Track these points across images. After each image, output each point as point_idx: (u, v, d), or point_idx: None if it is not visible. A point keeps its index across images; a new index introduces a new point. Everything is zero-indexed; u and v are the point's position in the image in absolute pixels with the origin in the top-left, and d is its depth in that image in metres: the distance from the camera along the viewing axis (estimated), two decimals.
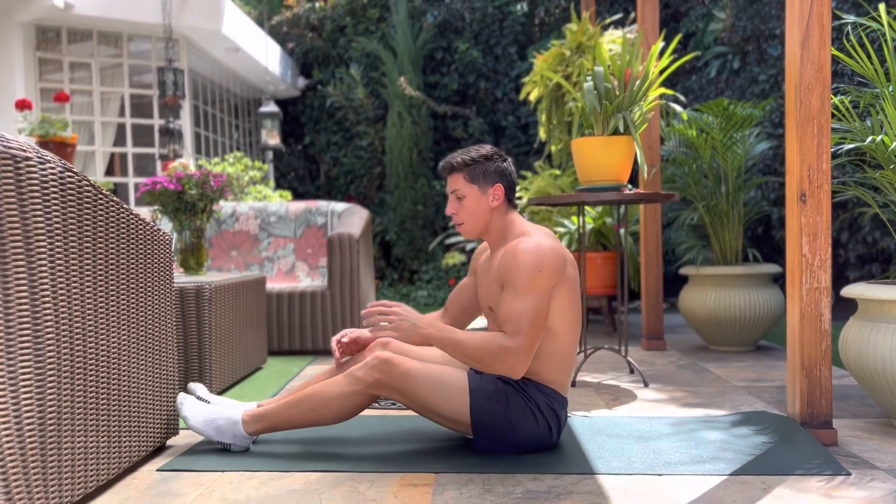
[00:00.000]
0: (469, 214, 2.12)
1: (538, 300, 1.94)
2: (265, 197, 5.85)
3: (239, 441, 2.12)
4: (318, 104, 8.32)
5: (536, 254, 1.95)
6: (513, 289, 1.96)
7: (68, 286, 1.60)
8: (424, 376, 2.02)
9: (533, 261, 1.94)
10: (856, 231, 4.63)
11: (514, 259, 1.96)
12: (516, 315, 1.93)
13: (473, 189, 2.11)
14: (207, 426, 2.11)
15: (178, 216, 3.29)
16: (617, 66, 3.11)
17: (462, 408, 2.02)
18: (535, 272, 1.94)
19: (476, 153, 2.12)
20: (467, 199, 2.11)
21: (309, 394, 2.07)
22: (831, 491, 1.76)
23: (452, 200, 2.14)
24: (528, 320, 1.92)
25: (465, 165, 2.12)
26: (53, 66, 5.98)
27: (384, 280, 7.76)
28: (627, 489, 1.79)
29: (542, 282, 1.94)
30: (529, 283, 1.94)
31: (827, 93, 2.19)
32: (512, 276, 1.96)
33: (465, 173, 2.11)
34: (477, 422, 2.01)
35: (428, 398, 2.02)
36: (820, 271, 2.20)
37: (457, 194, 2.12)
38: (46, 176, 1.54)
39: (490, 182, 2.11)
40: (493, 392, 2.03)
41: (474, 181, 2.11)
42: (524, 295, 1.93)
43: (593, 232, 4.69)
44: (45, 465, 1.51)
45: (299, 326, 3.94)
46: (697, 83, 6.17)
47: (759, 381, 3.07)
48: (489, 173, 2.11)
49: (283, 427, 2.10)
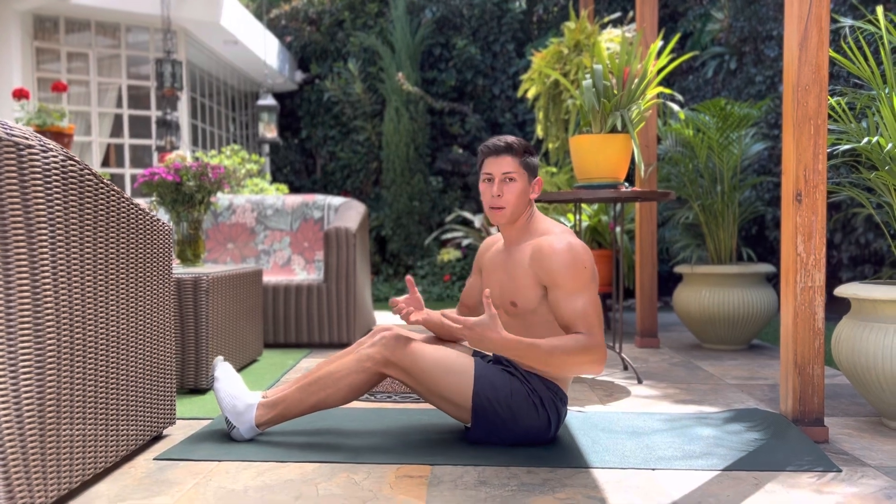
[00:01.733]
0: (514, 199, 2.08)
1: (592, 294, 1.98)
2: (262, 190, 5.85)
3: (245, 431, 2.13)
4: (316, 98, 8.32)
5: (574, 251, 1.98)
6: (563, 290, 1.97)
7: (69, 275, 1.61)
8: (432, 356, 2.04)
9: (575, 259, 1.97)
10: (849, 232, 4.67)
11: (555, 261, 1.97)
12: (583, 313, 1.95)
13: (524, 175, 2.10)
14: (228, 400, 2.12)
15: (176, 207, 3.29)
16: (616, 64, 3.13)
17: (465, 392, 2.03)
18: (581, 269, 1.97)
19: (526, 143, 2.11)
20: (517, 184, 2.08)
21: (320, 376, 2.09)
22: (822, 487, 1.78)
23: (500, 182, 2.08)
24: (595, 314, 1.97)
25: (523, 151, 2.10)
26: (51, 55, 5.96)
27: (379, 275, 7.77)
28: (621, 482, 1.81)
29: (587, 276, 1.98)
30: (578, 279, 1.97)
31: (824, 94, 2.21)
32: (559, 277, 1.97)
33: (520, 159, 2.10)
34: (478, 408, 2.03)
35: (433, 379, 2.03)
36: (814, 270, 2.22)
37: (509, 176, 2.08)
38: (49, 164, 1.55)
39: (534, 174, 2.13)
40: (499, 381, 2.05)
41: (526, 168, 2.10)
42: (580, 293, 1.96)
43: (589, 230, 4.71)
44: (44, 452, 1.52)
45: (295, 320, 3.95)
46: (694, 83, 6.19)
47: (751, 379, 3.09)
48: (534, 165, 2.13)
49: (296, 412, 2.10)
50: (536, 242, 2.04)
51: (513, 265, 2.10)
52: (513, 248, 2.13)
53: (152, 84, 6.43)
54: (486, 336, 1.89)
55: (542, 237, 2.06)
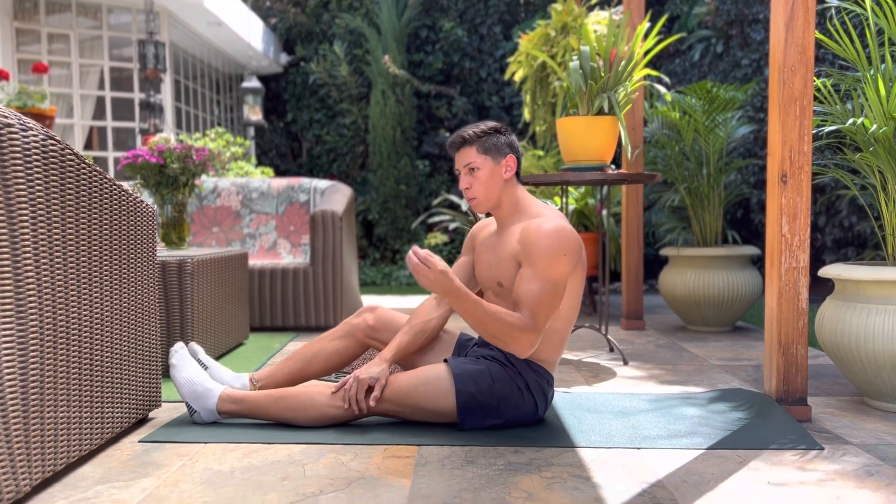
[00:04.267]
0: (483, 187, 2.09)
1: (556, 284, 1.96)
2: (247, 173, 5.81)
3: (206, 415, 2.12)
4: (301, 81, 8.25)
5: (560, 238, 1.97)
6: (533, 270, 1.96)
7: (51, 256, 1.59)
8: (405, 376, 2.06)
9: (557, 245, 1.96)
10: (833, 215, 4.70)
11: (537, 241, 1.97)
12: (535, 297, 1.94)
13: (487, 160, 2.09)
14: (187, 385, 2.12)
15: (160, 190, 3.26)
16: (603, 46, 3.12)
17: (448, 395, 2.03)
18: (559, 256, 1.96)
19: (486, 126, 2.11)
20: (481, 171, 2.09)
21: (293, 393, 2.08)
22: (805, 464, 1.80)
23: (465, 175, 2.10)
24: (547, 304, 1.95)
25: (478, 137, 2.10)
26: (31, 36, 5.87)
27: (366, 259, 7.75)
28: (607, 461, 1.83)
29: (562, 266, 1.97)
30: (551, 266, 1.96)
31: (810, 75, 2.21)
32: (534, 257, 1.97)
33: (477, 145, 2.09)
34: (463, 405, 2.03)
35: (413, 395, 2.04)
36: (799, 251, 2.24)
37: (470, 166, 2.09)
38: (28, 143, 1.52)
39: (502, 153, 2.11)
40: (476, 373, 2.04)
41: (487, 152, 2.09)
42: (544, 279, 1.95)
43: (576, 213, 4.72)
44: (28, 435, 1.51)
45: (281, 303, 3.93)
46: (681, 66, 6.19)
47: (736, 360, 3.12)
48: (501, 145, 2.11)
49: (257, 417, 2.11)
50: (526, 224, 2.04)
51: (501, 247, 2.11)
52: (504, 231, 2.14)
53: (135, 66, 6.34)
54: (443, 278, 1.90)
55: (535, 218, 2.06)
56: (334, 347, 2.31)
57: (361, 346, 2.32)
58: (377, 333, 2.29)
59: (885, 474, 1.73)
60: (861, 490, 1.63)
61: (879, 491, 1.62)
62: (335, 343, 2.31)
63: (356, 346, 2.31)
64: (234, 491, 1.63)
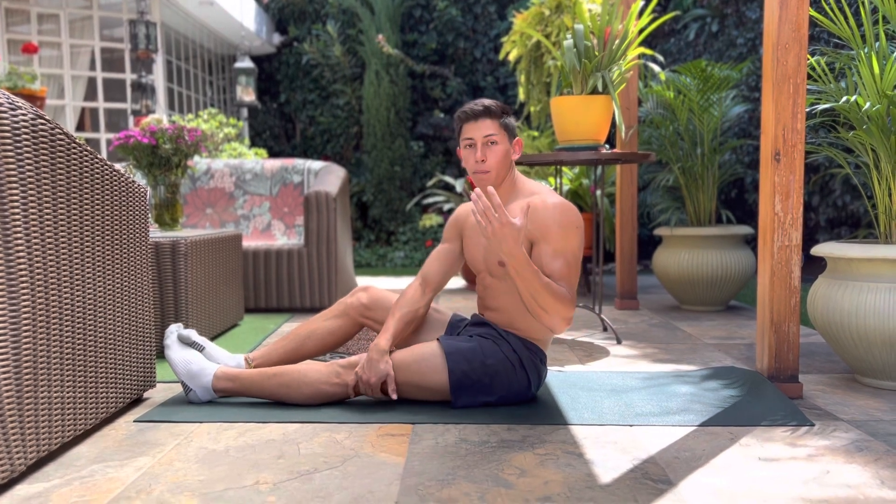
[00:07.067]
0: (497, 162, 2.07)
1: (575, 256, 2.00)
2: (240, 154, 5.78)
3: (201, 393, 2.14)
4: (294, 61, 8.18)
5: (567, 211, 2.00)
6: (550, 246, 1.98)
7: (42, 237, 1.58)
8: (400, 354, 2.07)
9: (566, 218, 1.99)
10: (827, 195, 4.71)
11: (548, 216, 1.98)
12: (564, 272, 1.97)
13: (505, 137, 2.09)
14: (182, 364, 2.14)
15: (153, 171, 3.24)
16: (597, 24, 3.10)
17: (441, 372, 2.05)
18: (573, 229, 1.99)
19: (501, 104, 2.10)
20: (499, 147, 2.07)
21: (288, 371, 2.10)
22: (796, 440, 1.82)
23: (482, 146, 2.06)
24: (574, 276, 1.99)
25: (501, 112, 2.08)
26: (20, 16, 5.80)
27: (361, 241, 7.74)
28: (599, 438, 1.84)
29: (577, 238, 2.00)
30: (568, 239, 1.98)
31: (804, 52, 2.21)
32: (550, 234, 1.98)
33: (500, 120, 2.08)
34: (455, 383, 2.04)
35: (408, 372, 2.05)
36: (791, 229, 2.24)
37: (490, 139, 2.06)
38: (18, 122, 1.51)
39: (514, 134, 2.12)
40: (468, 349, 2.05)
41: (506, 129, 2.09)
42: (566, 252, 1.98)
43: (570, 193, 4.72)
44: (22, 414, 1.51)
45: (276, 284, 3.93)
46: (676, 45, 6.16)
47: (729, 339, 3.13)
48: (513, 126, 2.12)
49: (252, 394, 2.13)
50: (528, 201, 2.03)
51: None
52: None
53: (126, 46, 6.28)
54: (510, 234, 1.80)
55: (532, 196, 2.07)
56: (329, 327, 2.32)
57: (356, 325, 2.33)
58: (371, 312, 2.30)
59: (875, 449, 1.75)
60: (851, 465, 1.65)
61: (868, 466, 1.64)
62: (330, 322, 2.32)
63: (350, 325, 2.32)
64: (229, 469, 1.64)
